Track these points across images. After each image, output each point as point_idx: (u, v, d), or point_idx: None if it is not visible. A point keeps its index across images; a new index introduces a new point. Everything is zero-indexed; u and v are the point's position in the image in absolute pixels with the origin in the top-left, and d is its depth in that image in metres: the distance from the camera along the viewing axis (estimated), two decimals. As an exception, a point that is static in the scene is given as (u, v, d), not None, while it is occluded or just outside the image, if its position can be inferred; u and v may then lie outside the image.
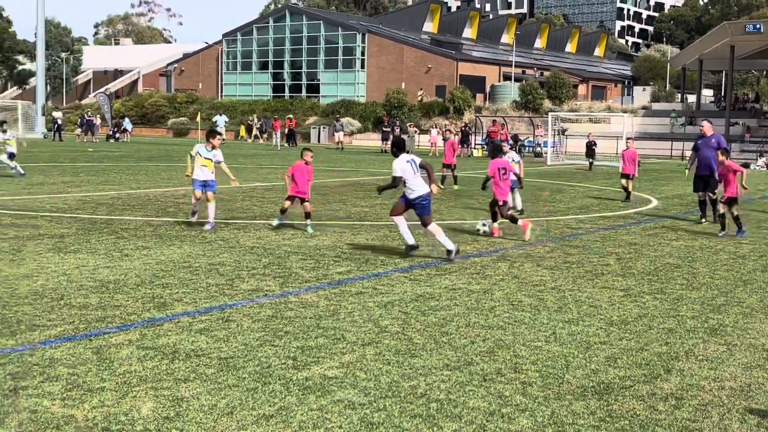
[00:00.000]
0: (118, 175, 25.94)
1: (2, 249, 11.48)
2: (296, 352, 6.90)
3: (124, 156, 38.34)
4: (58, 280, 9.55)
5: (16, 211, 15.82)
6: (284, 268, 10.73)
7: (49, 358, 6.51)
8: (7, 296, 8.61)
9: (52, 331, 7.30)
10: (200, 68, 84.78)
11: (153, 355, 6.69)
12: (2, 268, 10.10)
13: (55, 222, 14.43)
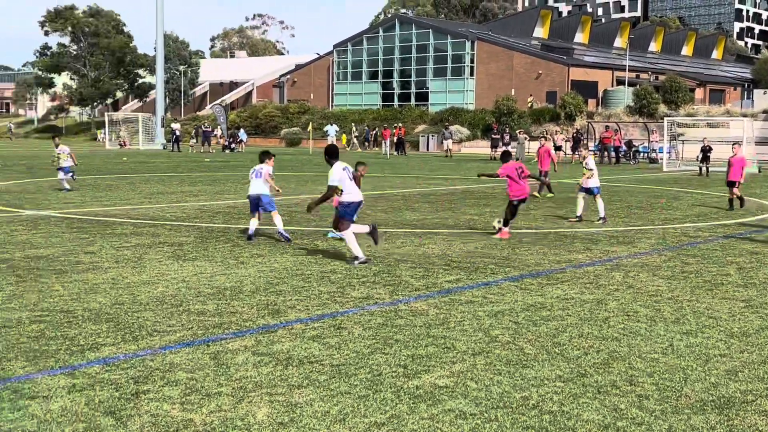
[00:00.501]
0: (234, 185, 26.64)
1: (125, 257, 11.95)
2: (407, 360, 6.93)
3: (239, 166, 39.33)
4: (177, 286, 9.87)
5: (137, 219, 16.44)
6: (394, 276, 10.78)
7: (169, 362, 6.73)
8: (129, 302, 8.95)
9: (171, 337, 7.55)
10: (312, 79, 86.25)
11: (268, 361, 6.83)
12: (125, 275, 10.50)
13: (175, 230, 14.92)
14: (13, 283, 9.82)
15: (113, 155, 50.84)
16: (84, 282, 10.02)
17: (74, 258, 11.72)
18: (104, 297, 9.19)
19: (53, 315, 8.26)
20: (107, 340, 7.38)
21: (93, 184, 25.95)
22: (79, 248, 12.63)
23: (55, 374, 6.35)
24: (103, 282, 10.04)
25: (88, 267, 11.05)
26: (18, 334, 7.48)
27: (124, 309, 8.62)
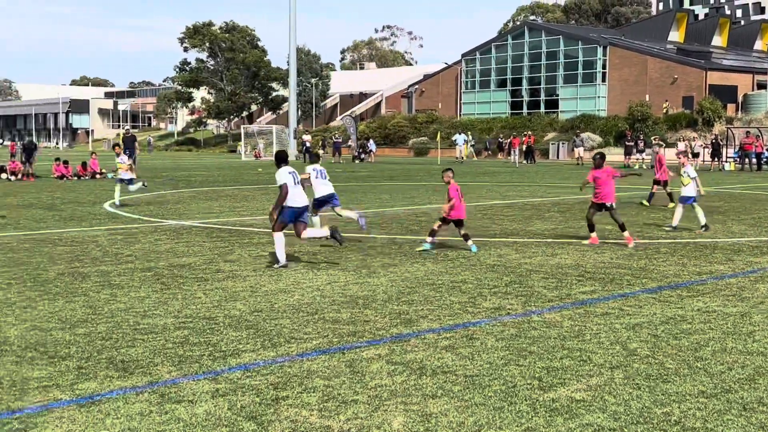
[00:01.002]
0: (364, 194, 27.00)
1: (262, 265, 12.30)
2: (541, 372, 6.84)
3: (368, 176, 39.84)
4: (312, 295, 10.08)
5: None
6: (526, 286, 10.68)
7: (306, 369, 6.89)
8: (267, 310, 9.21)
9: (308, 344, 7.72)
10: (440, 88, 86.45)
11: (402, 370, 6.89)
12: (263, 283, 10.81)
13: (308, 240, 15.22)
14: (158, 291, 10.26)
15: (249, 166, 52.39)
16: (224, 290, 10.37)
17: (215, 266, 12.16)
18: (244, 304, 9.48)
19: (196, 321, 8.59)
20: (247, 346, 7.62)
21: (230, 194, 26.82)
22: (219, 257, 13.08)
23: (199, 379, 6.60)
24: (243, 290, 10.37)
25: (227, 275, 11.44)
26: (164, 340, 7.81)
27: (262, 316, 8.87)
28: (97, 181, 34.47)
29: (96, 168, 36.66)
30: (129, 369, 6.84)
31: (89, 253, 13.32)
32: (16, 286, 10.47)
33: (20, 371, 6.75)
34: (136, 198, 24.56)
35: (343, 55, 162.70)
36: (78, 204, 22.46)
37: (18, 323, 8.43)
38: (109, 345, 7.61)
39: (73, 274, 11.42)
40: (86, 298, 9.78)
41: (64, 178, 35.02)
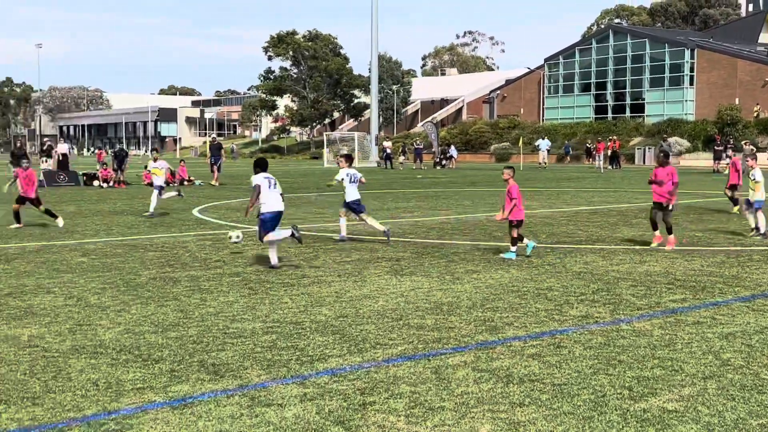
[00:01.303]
0: (446, 201, 26.97)
1: (346, 271, 12.40)
2: (632, 382, 6.72)
3: (450, 182, 39.79)
4: (396, 301, 10.12)
5: (356, 235, 17.00)
6: (614, 294, 10.50)
7: (392, 375, 6.91)
8: (352, 315, 9.28)
9: (393, 350, 7.75)
10: (522, 93, 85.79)
11: (488, 377, 6.85)
12: (347, 289, 10.90)
13: (392, 246, 15.30)
14: (246, 296, 10.44)
15: (331, 173, 52.90)
16: (310, 295, 10.49)
17: (300, 272, 12.31)
18: (329, 310, 9.58)
19: (283, 326, 8.71)
20: (334, 351, 7.69)
21: (314, 201, 27.11)
22: (305, 262, 13.24)
23: (287, 383, 6.69)
24: (328, 295, 10.47)
25: (313, 280, 11.57)
26: (253, 344, 7.94)
27: (348, 321, 8.94)
28: (185, 187, 35.26)
29: (184, 175, 37.51)
30: (219, 372, 6.98)
31: (179, 258, 13.65)
32: (110, 290, 10.79)
33: (115, 373, 6.95)
34: (225, 203, 25.06)
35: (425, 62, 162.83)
36: (167, 210, 23.02)
37: (112, 326, 8.69)
38: (200, 348, 7.78)
39: (164, 278, 11.71)
40: (177, 302, 10.02)
41: (153, 185, 35.91)
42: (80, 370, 7.01)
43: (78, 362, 7.27)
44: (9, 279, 11.61)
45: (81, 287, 10.98)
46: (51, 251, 14.56)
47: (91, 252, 14.44)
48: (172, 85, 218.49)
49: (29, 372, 6.96)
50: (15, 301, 10.03)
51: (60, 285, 11.14)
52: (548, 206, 24.59)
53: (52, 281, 11.45)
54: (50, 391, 6.44)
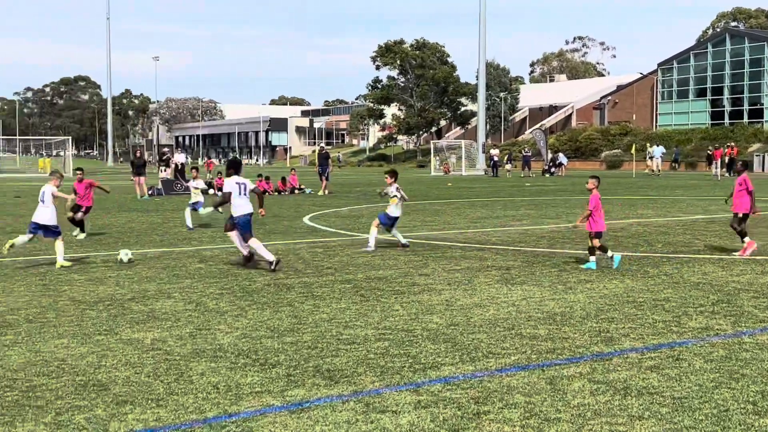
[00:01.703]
0: (556, 209, 26.61)
1: (456, 279, 12.39)
2: (756, 396, 6.48)
3: (559, 190, 39.25)
4: (507, 310, 10.04)
5: (465, 243, 16.97)
6: (735, 306, 10.15)
7: (506, 385, 6.87)
8: (463, 324, 9.26)
9: (506, 360, 7.70)
10: (634, 99, 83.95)
11: (605, 389, 6.73)
12: (458, 297, 10.89)
13: (501, 254, 15.21)
14: (358, 303, 10.56)
15: (438, 181, 52.95)
16: (420, 302, 10.53)
17: (410, 279, 12.36)
18: (440, 318, 9.59)
19: (395, 333, 8.77)
20: (446, 359, 7.69)
21: (421, 209, 27.20)
22: (414, 270, 13.29)
23: (401, 390, 6.73)
24: (438, 303, 10.48)
25: (423, 288, 11.60)
26: (366, 351, 8.03)
27: (459, 330, 8.93)
28: (296, 196, 35.93)
29: (295, 183, 38.22)
30: (334, 378, 7.08)
31: (292, 265, 13.90)
32: (227, 296, 11.09)
33: (234, 377, 7.14)
34: (334, 211, 25.41)
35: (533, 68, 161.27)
36: (280, 218, 23.50)
37: (230, 331, 8.93)
38: (314, 354, 7.91)
39: (277, 285, 11.95)
40: (291, 308, 10.22)
41: (266, 193, 36.75)
42: (201, 373, 7.23)
43: (199, 365, 7.50)
44: (132, 284, 12.08)
45: (200, 292, 11.33)
46: (171, 257, 15.06)
47: (208, 258, 14.87)
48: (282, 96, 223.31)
49: (153, 374, 7.22)
50: (138, 305, 10.42)
51: (180, 290, 11.52)
52: (663, 215, 23.96)
53: (173, 286, 11.85)
54: (173, 393, 6.66)
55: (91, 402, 6.42)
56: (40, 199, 14.09)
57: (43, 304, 10.50)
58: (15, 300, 10.75)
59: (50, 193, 14.03)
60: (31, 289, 11.55)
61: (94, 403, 6.40)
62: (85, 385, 6.86)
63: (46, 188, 14.08)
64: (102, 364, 7.53)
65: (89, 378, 7.08)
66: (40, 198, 14.10)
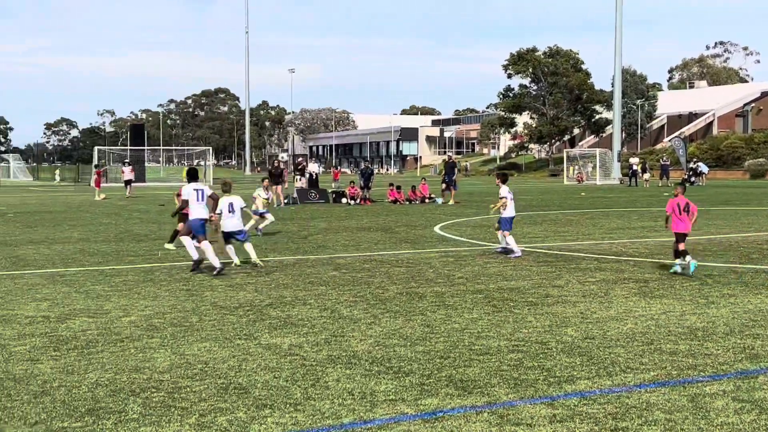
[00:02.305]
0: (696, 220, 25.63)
1: (591, 291, 12.14)
2: None
3: (700, 200, 37.85)
4: (646, 324, 9.77)
5: (600, 255, 16.62)
6: None
7: (645, 401, 6.68)
8: (599, 337, 9.07)
9: (645, 375, 7.49)
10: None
11: (750, 408, 6.46)
12: (593, 310, 10.67)
13: (638, 266, 14.81)
14: (490, 313, 10.51)
15: (571, 190, 52.05)
16: (554, 315, 10.38)
17: (543, 291, 12.21)
18: (575, 330, 9.43)
19: (529, 345, 8.68)
20: (582, 373, 7.56)
21: (554, 219, 26.81)
22: (547, 281, 13.12)
23: (535, 403, 6.66)
24: (573, 316, 10.31)
25: (556, 300, 11.44)
26: (498, 362, 7.98)
27: (595, 343, 8.76)
28: (427, 205, 36.07)
29: (426, 192, 38.38)
30: (467, 388, 7.08)
31: (423, 274, 13.98)
32: (360, 303, 11.26)
33: (369, 384, 7.24)
34: (465, 220, 25.38)
35: (671, 74, 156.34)
36: (411, 227, 23.66)
37: (364, 339, 9.06)
38: (447, 364, 7.92)
39: (409, 293, 12.04)
40: (423, 317, 10.27)
41: (397, 203, 37.06)
42: (336, 380, 7.37)
43: (334, 372, 7.65)
44: (269, 290, 12.42)
45: (334, 300, 11.54)
46: (306, 264, 15.41)
47: (342, 266, 15.13)
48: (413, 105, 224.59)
49: (290, 379, 7.41)
50: (275, 311, 10.72)
51: (315, 297, 11.77)
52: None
53: (308, 293, 12.12)
54: (310, 398, 6.82)
55: (232, 404, 6.65)
56: (228, 210, 14.76)
57: (186, 308, 10.94)
58: (161, 304, 11.25)
59: (239, 205, 14.95)
60: (176, 294, 12.06)
61: (236, 405, 6.63)
62: (227, 388, 7.11)
63: (234, 200, 14.88)
64: (242, 368, 7.78)
65: (230, 381, 7.34)
66: (228, 209, 14.76)
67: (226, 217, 14.78)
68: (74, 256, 16.81)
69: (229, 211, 14.78)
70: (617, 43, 70.30)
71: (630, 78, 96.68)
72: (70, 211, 31.91)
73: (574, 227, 23.41)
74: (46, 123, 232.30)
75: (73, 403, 6.67)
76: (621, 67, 73.09)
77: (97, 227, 24.35)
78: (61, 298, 11.71)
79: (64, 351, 8.49)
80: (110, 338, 9.10)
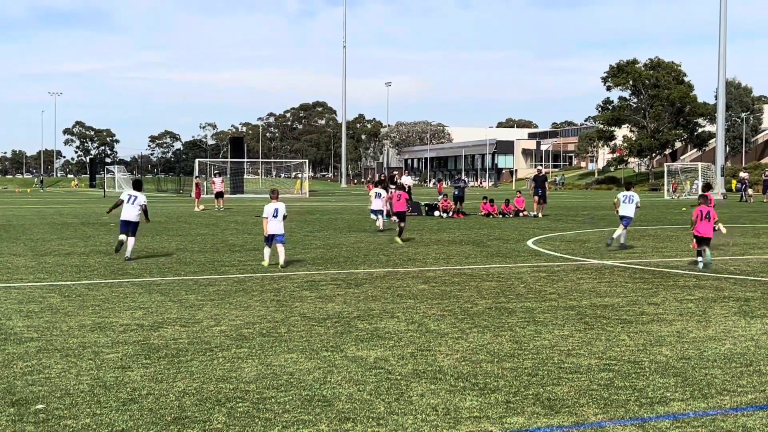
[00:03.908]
0: (804, 237, 24.61)
1: (689, 310, 11.73)
2: None
3: (808, 216, 36.29)
4: (745, 344, 9.37)
5: (699, 272, 16.08)
6: None
7: (741, 425, 6.38)
8: (696, 357, 8.74)
9: (743, 398, 7.16)
10: None
11: None
12: (690, 329, 10.30)
13: (740, 284, 14.26)
14: (582, 330, 10.25)
15: (672, 205, 50.68)
16: (649, 333, 10.06)
17: (638, 308, 11.86)
18: (670, 350, 9.10)
19: (621, 364, 8.42)
20: (676, 394, 7.27)
21: (653, 234, 26.11)
22: (643, 299, 12.74)
23: (625, 424, 6.43)
24: (668, 335, 9.96)
25: (652, 318, 11.08)
26: (588, 381, 7.76)
27: (691, 364, 8.43)
28: (520, 219, 35.65)
29: (520, 206, 37.95)
30: (555, 407, 6.89)
31: (514, 289, 13.77)
32: (448, 317, 11.15)
33: (453, 400, 7.13)
34: (559, 235, 24.98)
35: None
36: (503, 241, 23.40)
37: (451, 353, 8.95)
38: (535, 381, 7.75)
39: (499, 308, 11.87)
40: (512, 332, 10.10)
41: (490, 216, 36.73)
42: (421, 395, 7.29)
43: (419, 386, 7.56)
44: (358, 302, 12.44)
45: (422, 313, 11.47)
46: (395, 277, 15.39)
47: (431, 279, 15.05)
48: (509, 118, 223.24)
49: (375, 392, 7.37)
50: (363, 323, 10.71)
51: (403, 310, 11.72)
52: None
53: (396, 306, 12.08)
54: (393, 413, 6.75)
55: (315, 417, 6.64)
56: (273, 215, 16.80)
57: (276, 319, 11.04)
58: (251, 314, 11.38)
59: (282, 211, 16.93)
60: (266, 305, 12.19)
61: (318, 418, 6.62)
62: (311, 400, 7.11)
63: (279, 206, 16.93)
64: (327, 380, 7.78)
65: (315, 393, 7.34)
66: (273, 214, 16.81)
67: (271, 221, 16.73)
68: (171, 266, 17.22)
69: (274, 216, 16.73)
70: (721, 54, 68.28)
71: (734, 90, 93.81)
72: (169, 222, 32.77)
73: (674, 243, 22.74)
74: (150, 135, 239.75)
75: (160, 411, 6.78)
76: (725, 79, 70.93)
77: (194, 237, 24.91)
78: (156, 307, 11.99)
79: (154, 359, 8.66)
80: (200, 347, 9.24)
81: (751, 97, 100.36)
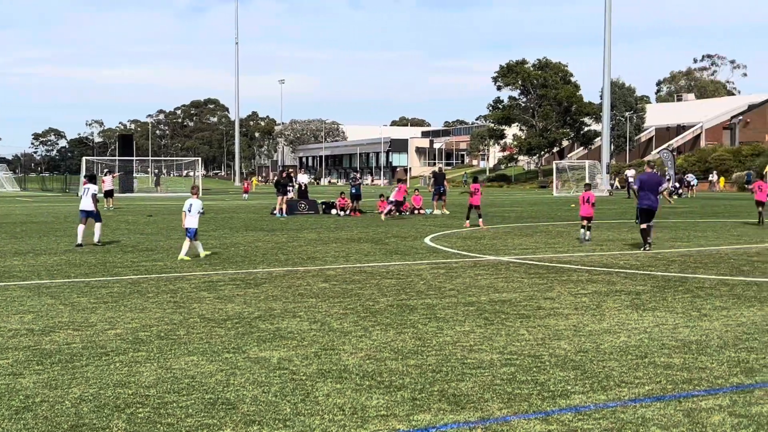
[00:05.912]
0: (686, 232, 25.69)
1: (583, 304, 12.04)
2: None
3: (689, 212, 37.90)
4: (639, 337, 9.67)
5: (590, 266, 16.53)
6: None
7: (640, 416, 6.57)
8: (593, 350, 8.96)
9: (640, 389, 7.38)
10: (767, 119, 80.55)
11: (747, 423, 6.35)
12: (585, 323, 10.57)
13: (630, 278, 14.73)
14: (482, 326, 10.38)
15: (561, 202, 52.05)
16: (546, 327, 10.27)
17: (535, 303, 12.10)
18: (568, 343, 9.31)
19: (522, 359, 8.56)
20: (576, 387, 7.43)
21: (545, 230, 26.74)
22: (539, 293, 13.01)
23: (530, 418, 6.53)
24: (565, 328, 10.19)
25: (548, 312, 11.33)
26: (492, 376, 7.85)
27: (588, 357, 8.64)
28: (416, 216, 35.94)
29: (417, 204, 38.25)
30: (460, 403, 6.94)
31: (414, 286, 13.85)
32: (351, 316, 11.11)
33: (360, 399, 7.09)
34: (455, 232, 25.29)
35: (659, 87, 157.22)
36: (401, 238, 23.53)
37: (355, 352, 8.91)
38: (439, 378, 7.79)
39: (400, 305, 11.91)
40: (414, 329, 10.14)
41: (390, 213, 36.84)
42: (327, 394, 7.22)
43: (324, 386, 7.50)
44: (258, 302, 12.27)
45: (324, 312, 11.39)
46: (295, 276, 15.26)
47: (331, 278, 14.99)
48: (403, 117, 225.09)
49: (280, 394, 7.26)
50: (264, 324, 10.56)
51: (305, 309, 11.62)
52: None
53: (297, 305, 11.97)
54: (299, 414, 6.67)
55: (220, 420, 6.50)
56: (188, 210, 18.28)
57: (174, 321, 10.77)
58: (147, 317, 11.07)
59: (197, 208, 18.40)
60: (163, 307, 11.89)
61: (223, 422, 6.47)
62: (214, 403, 6.96)
63: (194, 202, 18.40)
64: (230, 382, 7.63)
65: (218, 396, 7.18)
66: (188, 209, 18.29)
67: (187, 215, 18.18)
68: (60, 268, 16.61)
69: (188, 211, 18.20)
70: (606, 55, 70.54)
71: (619, 90, 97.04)
72: (57, 222, 31.64)
73: (565, 239, 23.34)
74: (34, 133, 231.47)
75: (56, 419, 6.51)
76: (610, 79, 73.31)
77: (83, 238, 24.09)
78: (46, 311, 11.53)
79: (47, 365, 8.31)
80: (95, 352, 8.92)
81: (635, 97, 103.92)
